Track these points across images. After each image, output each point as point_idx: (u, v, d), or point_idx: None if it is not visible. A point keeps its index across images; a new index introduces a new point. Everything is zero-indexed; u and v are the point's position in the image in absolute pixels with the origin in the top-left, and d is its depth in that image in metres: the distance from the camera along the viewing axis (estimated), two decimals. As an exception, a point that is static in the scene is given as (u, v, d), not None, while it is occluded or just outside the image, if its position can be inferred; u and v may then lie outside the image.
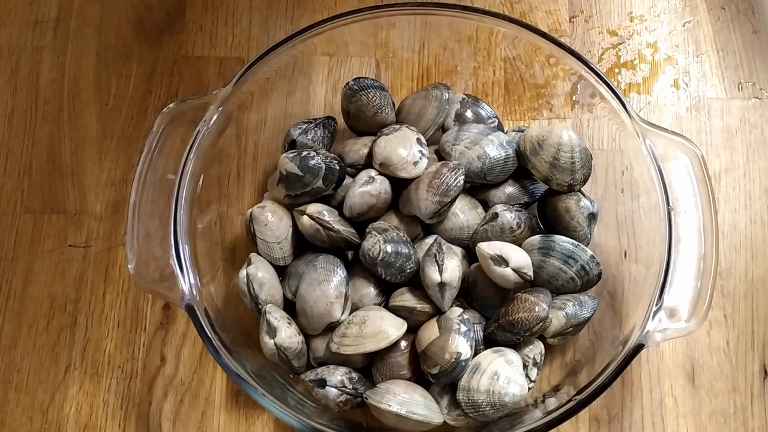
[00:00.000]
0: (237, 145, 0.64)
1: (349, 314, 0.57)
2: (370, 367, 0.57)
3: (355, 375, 0.56)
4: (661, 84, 0.69)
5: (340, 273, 0.57)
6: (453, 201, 0.58)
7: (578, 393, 0.52)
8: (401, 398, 0.53)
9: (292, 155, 0.59)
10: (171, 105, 0.58)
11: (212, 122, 0.58)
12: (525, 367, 0.56)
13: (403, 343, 0.57)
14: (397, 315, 0.57)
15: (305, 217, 0.58)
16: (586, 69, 0.59)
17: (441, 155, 0.62)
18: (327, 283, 0.56)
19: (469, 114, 0.64)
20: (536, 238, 0.58)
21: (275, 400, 0.51)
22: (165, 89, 0.70)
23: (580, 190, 0.60)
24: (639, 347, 0.51)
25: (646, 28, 0.71)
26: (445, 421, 0.55)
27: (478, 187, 0.61)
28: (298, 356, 0.56)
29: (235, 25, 0.72)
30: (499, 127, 0.65)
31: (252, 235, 0.59)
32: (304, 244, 0.60)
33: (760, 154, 0.66)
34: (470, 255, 0.60)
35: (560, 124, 0.64)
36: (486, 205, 0.61)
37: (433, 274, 0.55)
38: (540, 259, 0.57)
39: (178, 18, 0.72)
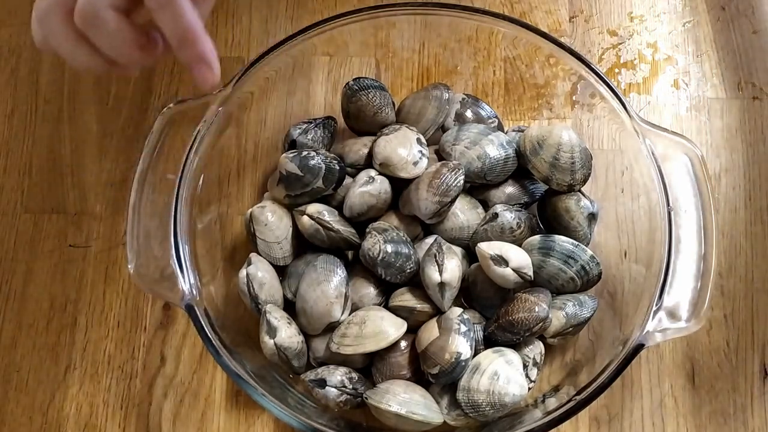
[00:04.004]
0: (237, 145, 0.64)
1: (349, 314, 0.57)
2: (370, 367, 0.58)
3: (355, 375, 0.56)
4: (661, 84, 0.69)
5: (340, 273, 0.57)
6: (453, 201, 0.58)
7: (578, 393, 0.52)
8: (401, 398, 0.53)
9: (292, 155, 0.59)
10: (171, 105, 0.58)
11: (212, 122, 0.58)
12: (525, 367, 0.56)
13: (403, 343, 0.57)
14: (397, 315, 0.57)
15: (305, 217, 0.58)
16: (586, 69, 0.59)
17: (441, 155, 0.62)
18: (327, 283, 0.56)
19: (469, 114, 0.64)
20: (536, 238, 0.58)
21: (275, 400, 0.51)
22: (165, 89, 0.70)
23: (580, 190, 0.60)
24: (639, 347, 0.51)
25: (646, 28, 0.71)
26: (445, 421, 0.55)
27: (478, 187, 0.61)
28: (298, 356, 0.56)
29: (235, 25, 0.72)
30: (499, 127, 0.65)
31: (252, 235, 0.59)
32: (304, 244, 0.60)
33: (760, 154, 0.66)
34: (470, 255, 0.60)
35: (560, 124, 0.64)
36: (486, 205, 0.61)
37: (433, 274, 0.55)
38: (540, 259, 0.57)
39: (178, 18, 0.72)
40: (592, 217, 0.60)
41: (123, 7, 0.47)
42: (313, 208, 0.58)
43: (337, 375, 0.55)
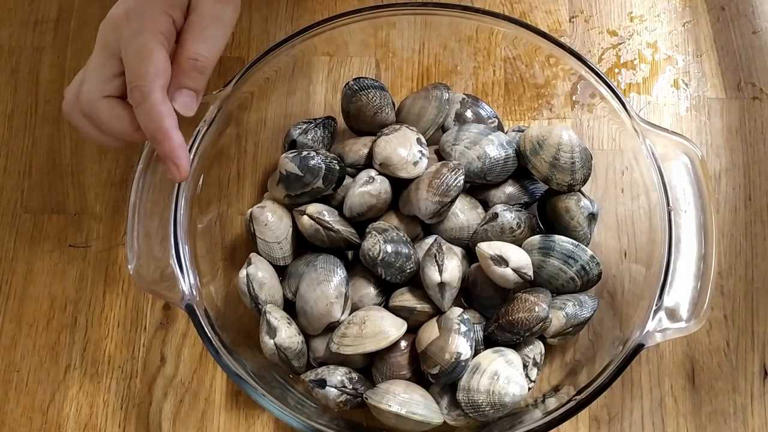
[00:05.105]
0: (237, 145, 0.64)
1: (349, 314, 0.57)
2: (370, 367, 0.58)
3: (355, 375, 0.56)
4: (661, 84, 0.69)
5: (340, 273, 0.57)
6: (453, 201, 0.58)
7: (578, 393, 0.52)
8: (401, 398, 0.53)
9: (292, 155, 0.59)
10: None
11: (212, 122, 0.58)
12: (525, 367, 0.56)
13: (403, 343, 0.57)
14: (397, 315, 0.57)
15: (305, 217, 0.58)
16: (586, 69, 0.59)
17: (441, 155, 0.62)
18: (327, 283, 0.56)
19: (469, 114, 0.64)
20: (536, 238, 0.58)
21: (275, 400, 0.51)
22: (165, 89, 0.70)
23: (580, 190, 0.60)
24: (639, 347, 0.51)
25: (646, 28, 0.71)
26: (445, 421, 0.55)
27: (478, 187, 0.61)
28: (298, 356, 0.56)
29: (236, 24, 0.72)
30: (499, 127, 0.65)
31: (252, 235, 0.59)
32: (304, 244, 0.60)
33: (760, 154, 0.66)
34: (470, 255, 0.60)
35: (560, 124, 0.64)
36: (486, 205, 0.61)
37: (433, 274, 0.55)
38: (540, 259, 0.57)
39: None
40: (592, 217, 0.60)
41: (117, 93, 0.51)
42: (313, 208, 0.58)
43: (337, 375, 0.55)
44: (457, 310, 0.56)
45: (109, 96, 0.51)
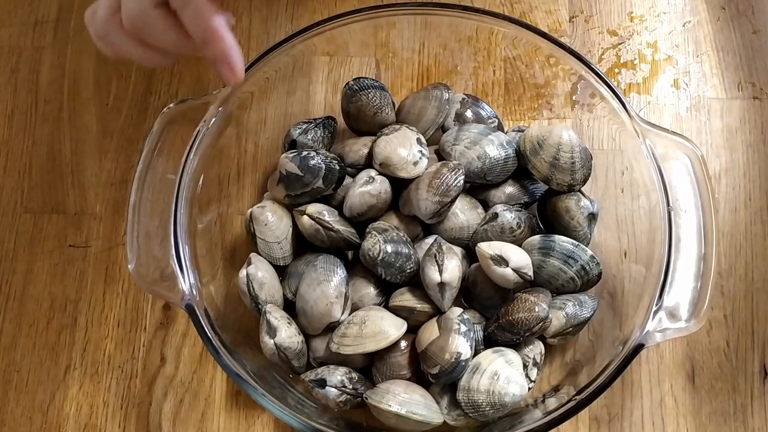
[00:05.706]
0: (237, 145, 0.64)
1: (349, 314, 0.57)
2: (370, 367, 0.58)
3: (355, 375, 0.56)
4: (661, 84, 0.69)
5: (340, 273, 0.57)
6: (453, 201, 0.58)
7: (578, 393, 0.52)
8: (401, 398, 0.53)
9: (292, 155, 0.59)
10: (171, 105, 0.58)
11: (212, 122, 0.58)
12: (525, 367, 0.56)
13: (403, 343, 0.57)
14: (397, 315, 0.57)
15: (305, 217, 0.58)
16: (586, 69, 0.59)
17: (441, 155, 0.62)
18: (327, 283, 0.56)
19: (469, 114, 0.64)
20: (536, 238, 0.58)
21: (275, 400, 0.51)
22: (165, 89, 0.70)
23: (580, 190, 0.60)
24: (639, 347, 0.51)
25: (646, 28, 0.71)
26: (445, 421, 0.55)
27: (478, 187, 0.61)
28: (298, 356, 0.56)
29: (235, 25, 0.72)
30: (499, 127, 0.65)
31: (252, 235, 0.59)
32: (304, 244, 0.60)
33: (760, 154, 0.66)
34: (470, 255, 0.60)
35: (560, 124, 0.64)
36: (486, 205, 0.61)
37: (433, 274, 0.55)
38: (540, 259, 0.57)
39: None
40: (592, 217, 0.60)
41: (163, 1, 0.48)
42: (313, 208, 0.58)
43: (337, 375, 0.55)
44: (457, 310, 0.56)
45: (157, 4, 0.48)
